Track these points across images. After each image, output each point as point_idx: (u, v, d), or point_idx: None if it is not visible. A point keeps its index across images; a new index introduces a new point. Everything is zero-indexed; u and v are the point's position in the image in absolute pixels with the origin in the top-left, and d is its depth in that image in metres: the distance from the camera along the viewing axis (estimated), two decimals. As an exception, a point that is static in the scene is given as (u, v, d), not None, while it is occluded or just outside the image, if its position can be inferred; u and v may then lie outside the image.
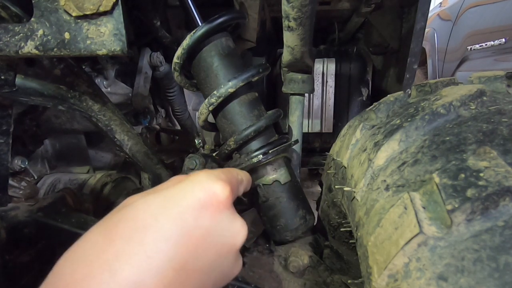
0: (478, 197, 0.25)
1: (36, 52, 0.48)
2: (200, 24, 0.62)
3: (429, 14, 1.31)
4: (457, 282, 0.24)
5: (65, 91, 0.69)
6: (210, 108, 0.62)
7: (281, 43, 0.64)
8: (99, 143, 1.23)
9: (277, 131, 0.70)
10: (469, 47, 2.77)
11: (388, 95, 0.53)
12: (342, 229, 0.60)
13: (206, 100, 0.62)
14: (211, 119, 0.68)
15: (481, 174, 0.27)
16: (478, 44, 2.64)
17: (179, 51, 0.61)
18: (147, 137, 1.43)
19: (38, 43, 0.48)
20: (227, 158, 0.67)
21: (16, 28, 0.47)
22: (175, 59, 0.62)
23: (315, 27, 0.63)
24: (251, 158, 0.61)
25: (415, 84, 0.52)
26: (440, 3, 3.73)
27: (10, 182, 0.79)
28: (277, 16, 1.22)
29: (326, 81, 1.43)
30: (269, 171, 0.64)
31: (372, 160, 0.41)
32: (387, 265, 0.29)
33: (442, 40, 3.31)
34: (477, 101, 0.38)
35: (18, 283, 0.72)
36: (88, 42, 0.48)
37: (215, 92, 0.60)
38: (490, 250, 0.24)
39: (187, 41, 0.60)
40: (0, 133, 0.66)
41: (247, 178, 0.46)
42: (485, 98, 0.39)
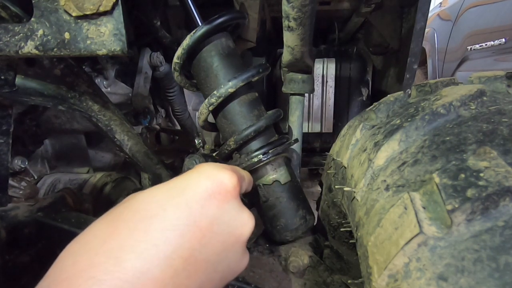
0: (478, 197, 0.25)
1: (36, 52, 0.48)
2: (200, 24, 0.62)
3: (429, 14, 1.31)
4: (457, 282, 0.24)
5: (65, 91, 0.69)
6: (210, 108, 0.62)
7: (281, 43, 0.64)
8: (99, 143, 1.23)
9: (277, 131, 0.70)
10: (469, 47, 2.77)
11: (388, 95, 0.53)
12: (342, 229, 0.60)
13: (206, 100, 0.62)
14: (211, 119, 0.68)
15: (481, 174, 0.27)
16: (478, 44, 2.64)
17: (179, 51, 0.61)
18: (147, 137, 1.43)
19: (38, 43, 0.48)
20: (227, 158, 0.67)
21: (16, 28, 0.47)
22: (175, 59, 0.62)
23: (315, 27, 0.63)
24: (251, 158, 0.61)
25: (415, 84, 0.52)
26: (440, 3, 3.73)
27: (10, 182, 0.79)
28: (277, 16, 1.22)
29: (326, 81, 1.43)
30: (269, 171, 0.64)
31: (372, 160, 0.41)
32: (387, 265, 0.29)
33: (442, 40, 3.31)
34: (477, 101, 0.38)
35: (18, 283, 0.72)
36: (88, 42, 0.48)
37: (215, 92, 0.60)
38: (490, 250, 0.24)
39: (187, 41, 0.60)
40: (0, 133, 0.66)
41: (248, 177, 0.45)
42: (485, 98, 0.39)
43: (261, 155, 0.61)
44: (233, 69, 0.63)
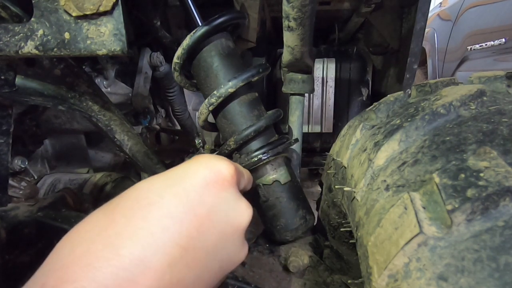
0: (478, 197, 0.25)
1: (36, 52, 0.48)
2: (200, 24, 0.62)
3: (429, 14, 1.31)
4: (457, 282, 0.24)
5: (65, 91, 0.69)
6: (210, 108, 0.62)
7: (281, 43, 0.64)
8: (99, 143, 1.23)
9: (277, 131, 0.70)
10: (469, 47, 2.77)
11: (388, 95, 0.53)
12: (342, 229, 0.60)
13: (206, 100, 0.62)
14: (211, 119, 0.68)
15: (481, 174, 0.27)
16: (478, 44, 2.64)
17: (179, 51, 0.61)
18: (147, 137, 1.43)
19: (38, 43, 0.48)
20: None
21: (16, 28, 0.47)
22: (175, 59, 0.62)
23: (315, 27, 0.63)
24: (251, 158, 0.61)
25: (415, 84, 0.52)
26: (440, 3, 3.73)
27: (10, 182, 0.79)
28: (277, 16, 1.22)
29: (326, 81, 1.43)
30: (269, 171, 0.64)
31: (372, 160, 0.41)
32: (387, 265, 0.29)
33: (442, 40, 3.31)
34: (477, 101, 0.38)
35: (18, 283, 0.72)
36: (88, 42, 0.48)
37: (215, 92, 0.60)
38: (490, 250, 0.24)
39: (187, 41, 0.60)
40: (0, 133, 0.66)
41: (247, 174, 0.45)
42: (485, 98, 0.39)
43: (261, 155, 0.61)
44: (233, 69, 0.63)
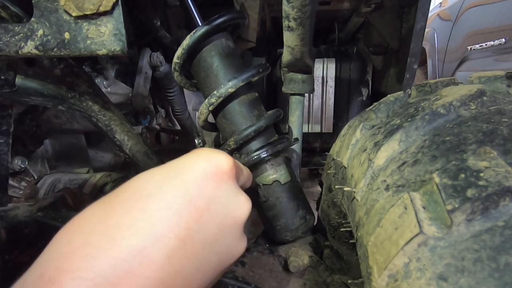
0: (478, 197, 0.25)
1: (36, 52, 0.48)
2: (200, 24, 0.62)
3: (429, 14, 1.31)
4: (457, 282, 0.24)
5: (65, 91, 0.69)
6: (210, 108, 0.62)
7: (281, 43, 0.64)
8: (99, 143, 1.23)
9: (277, 131, 0.70)
10: (469, 47, 2.77)
11: (388, 95, 0.53)
12: (342, 229, 0.60)
13: (206, 100, 0.62)
14: (211, 119, 0.68)
15: (481, 174, 0.27)
16: (478, 44, 2.64)
17: (179, 51, 0.61)
18: (147, 137, 1.43)
19: (38, 43, 0.48)
20: (227, 158, 0.67)
21: (16, 28, 0.47)
22: (175, 59, 0.62)
23: (315, 27, 0.63)
24: (251, 158, 0.61)
25: (415, 84, 0.52)
26: (440, 3, 3.73)
27: (10, 182, 0.79)
28: (277, 16, 1.22)
29: (326, 81, 1.43)
30: (269, 171, 0.64)
31: (372, 160, 0.41)
32: (387, 265, 0.29)
33: (442, 40, 3.31)
34: (477, 101, 0.38)
35: (18, 283, 0.71)
36: (88, 42, 0.48)
37: (215, 92, 0.60)
38: (490, 250, 0.24)
39: (187, 41, 0.60)
40: (0, 133, 0.66)
41: (247, 171, 0.45)
42: (485, 98, 0.39)
43: (260, 154, 0.61)
44: (233, 69, 0.63)
